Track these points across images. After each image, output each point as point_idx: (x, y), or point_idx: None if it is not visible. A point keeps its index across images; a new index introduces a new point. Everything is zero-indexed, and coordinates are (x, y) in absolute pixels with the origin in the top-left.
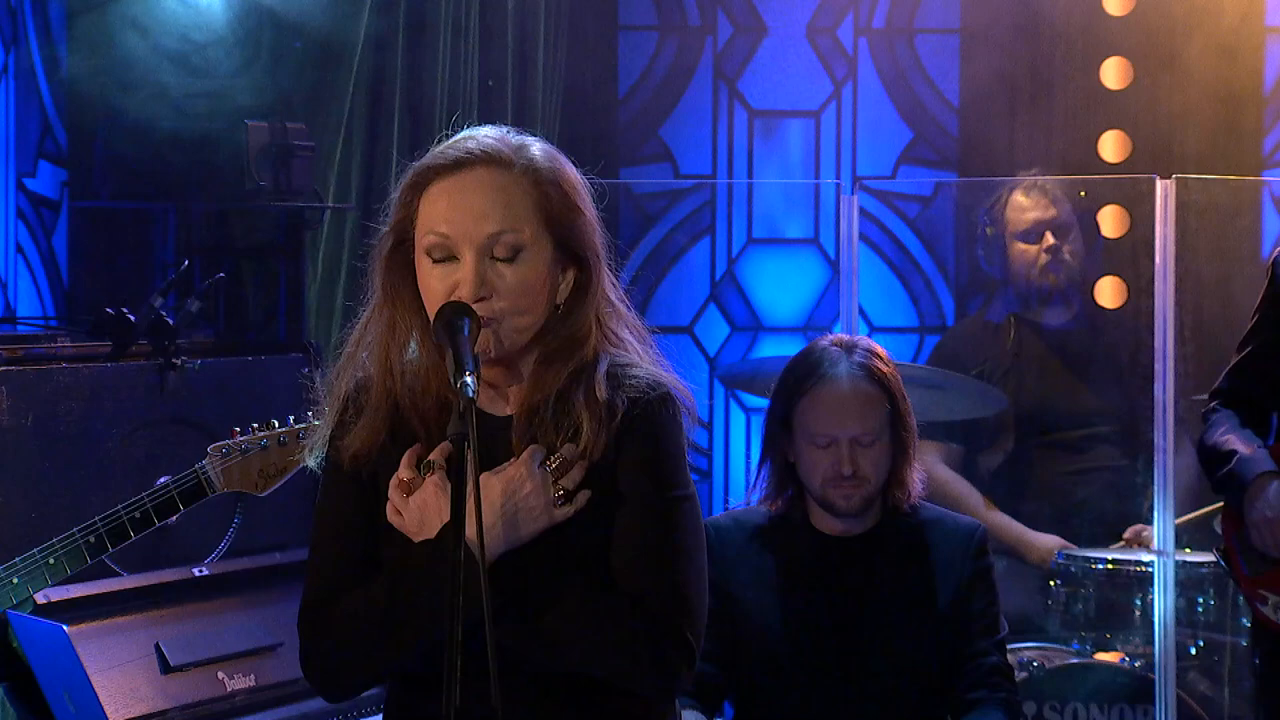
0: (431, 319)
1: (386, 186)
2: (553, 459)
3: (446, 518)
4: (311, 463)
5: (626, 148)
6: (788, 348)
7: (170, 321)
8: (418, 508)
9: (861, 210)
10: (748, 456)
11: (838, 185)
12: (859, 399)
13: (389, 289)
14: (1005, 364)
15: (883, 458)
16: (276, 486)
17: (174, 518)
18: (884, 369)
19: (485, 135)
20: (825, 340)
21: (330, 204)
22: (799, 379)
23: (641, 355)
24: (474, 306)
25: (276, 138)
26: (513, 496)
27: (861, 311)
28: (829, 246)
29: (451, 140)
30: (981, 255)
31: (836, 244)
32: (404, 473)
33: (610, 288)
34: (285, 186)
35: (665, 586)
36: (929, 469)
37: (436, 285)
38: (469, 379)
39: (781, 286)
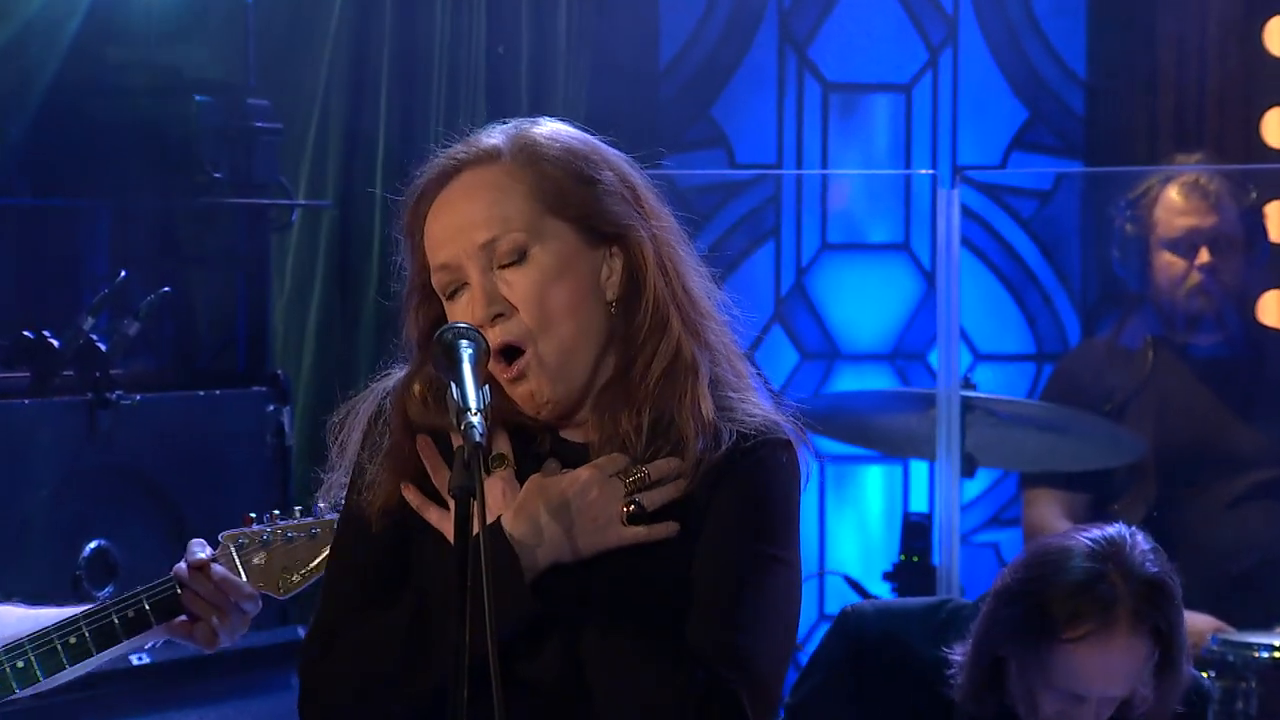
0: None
1: (371, 178)
2: (631, 470)
3: (499, 515)
4: (325, 510)
5: (670, 130)
6: (871, 379)
7: (102, 348)
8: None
9: (964, 208)
10: (822, 518)
11: (934, 177)
12: (1132, 656)
13: (424, 343)
14: (1143, 399)
15: (1139, 703)
16: (304, 589)
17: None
18: (1171, 599)
19: (488, 131)
20: (1079, 542)
21: (301, 200)
22: (1046, 613)
23: (740, 376)
24: (492, 331)
25: (233, 117)
26: (572, 500)
27: (964, 335)
28: (923, 253)
29: (434, 159)
30: (1116, 258)
31: (933, 250)
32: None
33: (690, 275)
34: (245, 178)
35: (735, 649)
36: (1046, 525)
37: (464, 318)
38: (475, 419)
39: (863, 303)
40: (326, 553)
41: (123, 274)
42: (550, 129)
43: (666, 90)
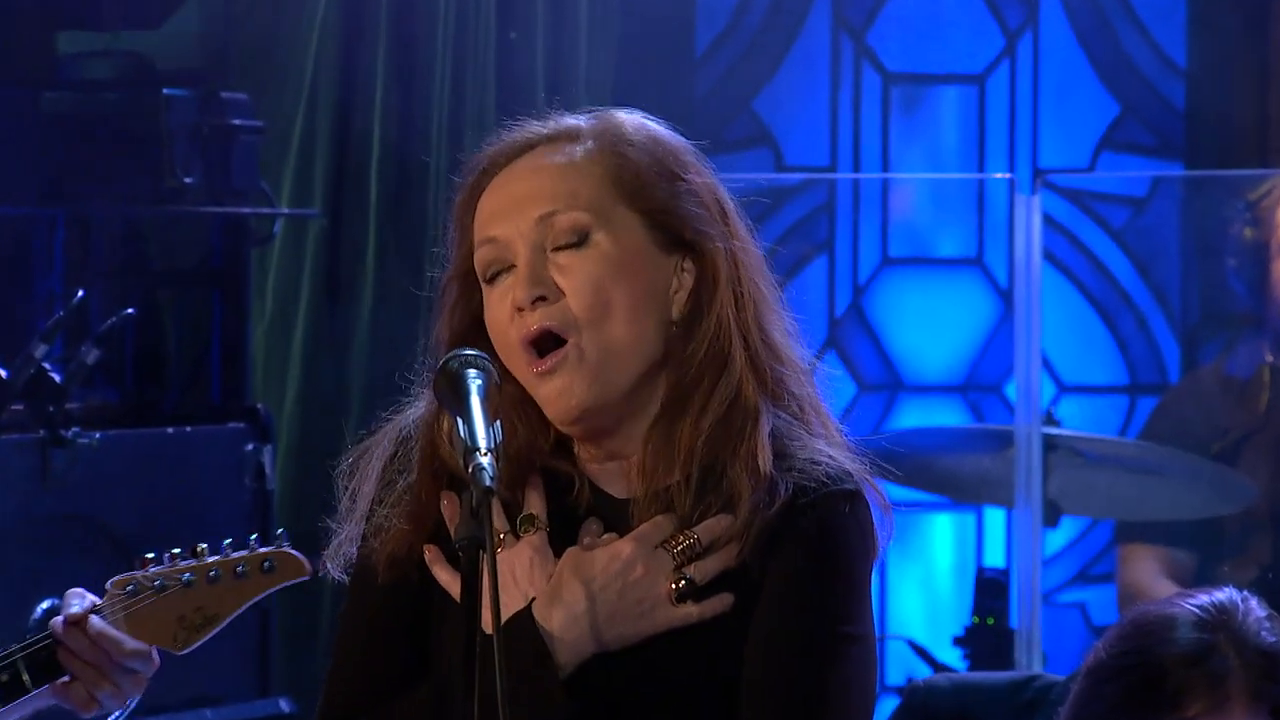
0: (506, 360)
1: (364, 183)
2: (679, 537)
3: (536, 593)
4: (335, 571)
5: (707, 127)
6: (939, 414)
7: (57, 379)
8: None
9: (1046, 217)
10: (882, 574)
11: (1011, 181)
12: None
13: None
14: (1257, 437)
15: None
16: (202, 642)
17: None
18: None
19: (567, 115)
20: (1184, 609)
21: (285, 209)
22: (1149, 693)
23: (825, 427)
24: (530, 315)
25: (208, 114)
26: (613, 581)
27: (1046, 363)
28: (999, 269)
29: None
30: (1231, 269)
31: (1010, 265)
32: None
33: (766, 310)
34: (221, 184)
35: None
36: (1144, 586)
37: (497, 311)
38: (485, 460)
39: (930, 326)
40: (230, 599)
41: (80, 293)
42: (638, 117)
43: (703, 81)
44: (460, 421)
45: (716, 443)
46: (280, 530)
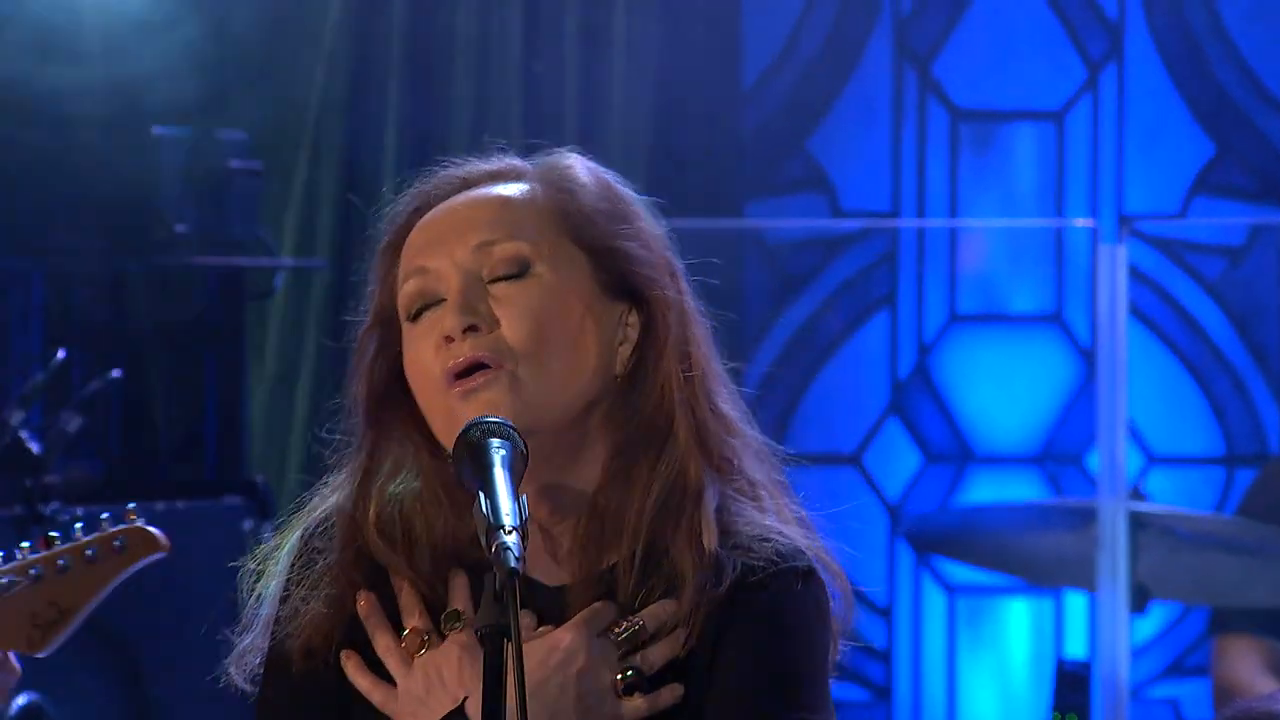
0: (428, 408)
1: (363, 223)
2: (622, 624)
3: (463, 696)
4: (239, 680)
5: (757, 168)
6: (1013, 488)
7: (35, 449)
8: (424, 677)
9: (1132, 269)
10: (951, 665)
11: (1094, 229)
12: None
13: (375, 412)
14: None
15: None
16: (63, 638)
17: None
18: None
19: (510, 156)
20: None
21: (287, 259)
22: None
23: (777, 505)
24: (459, 346)
25: (203, 155)
26: (554, 675)
27: (1133, 431)
28: (1079, 326)
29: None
30: None
31: (1093, 322)
32: (414, 619)
33: (714, 380)
34: (216, 233)
35: None
36: (1242, 681)
37: (420, 347)
38: (509, 539)
39: (1003, 390)
40: (84, 589)
41: (61, 354)
42: (587, 161)
43: (751, 117)
44: (482, 496)
45: (659, 521)
46: (131, 504)
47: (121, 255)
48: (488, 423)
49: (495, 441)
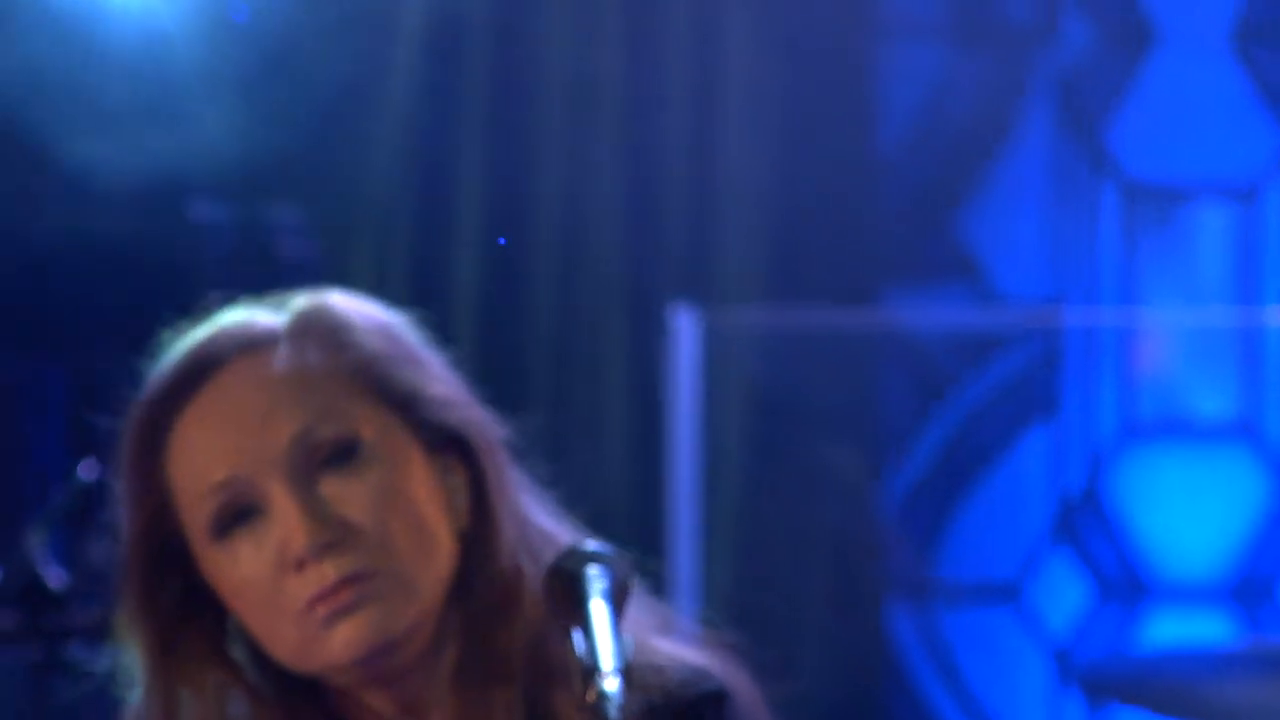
0: (269, 636)
1: (451, 332)
2: None
3: None
4: None
5: (892, 250)
6: (1201, 627)
7: (55, 582)
8: None
9: None
10: None
11: None
12: None
13: (161, 644)
14: None
15: None
16: None
17: None
18: None
19: (250, 310)
20: None
21: None
22: None
23: (654, 615)
24: (319, 566)
25: (249, 233)
26: None
27: None
28: (1277, 436)
29: (175, 349)
30: None
31: None
32: None
33: (534, 504)
34: None
35: None
36: None
37: (249, 573)
38: (609, 686)
39: (1188, 512)
40: None
41: (84, 469)
42: (345, 296)
43: (888, 191)
44: (579, 635)
45: (535, 689)
46: None
47: (154, 355)
48: (582, 550)
49: (593, 571)
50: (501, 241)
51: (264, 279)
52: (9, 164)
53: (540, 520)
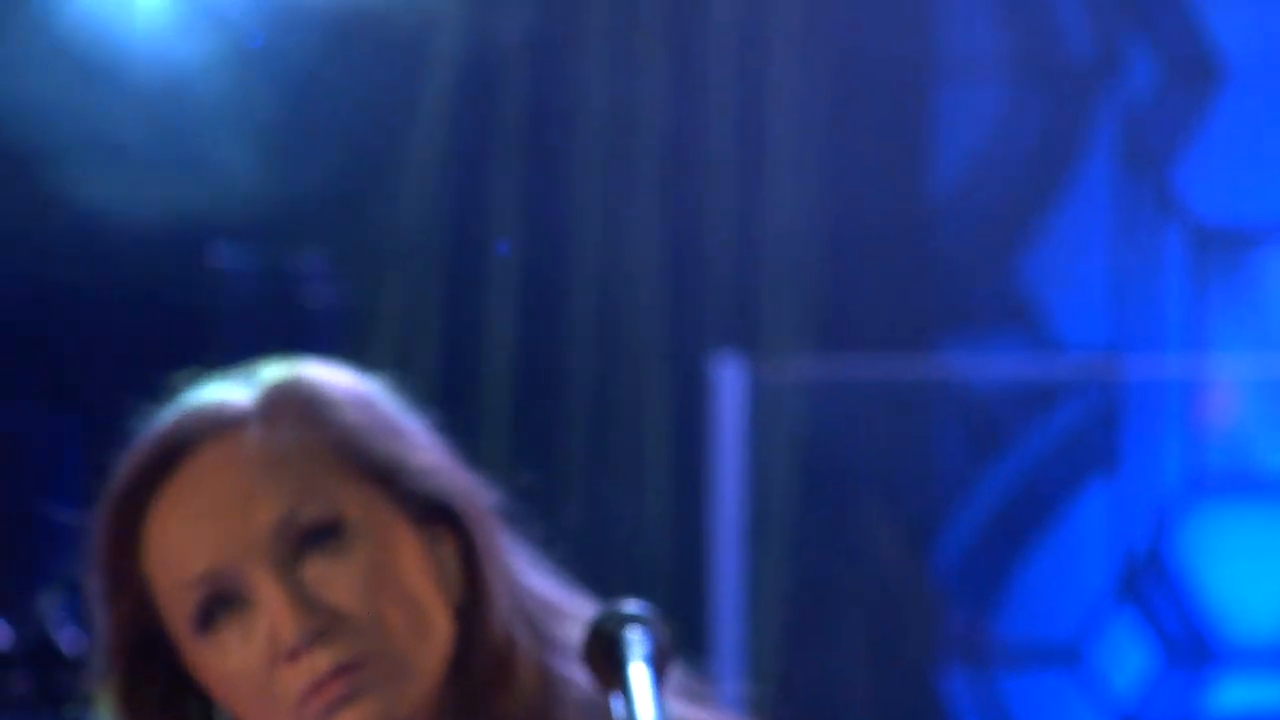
0: (253, 714)
1: (486, 385)
2: None
3: None
4: None
5: (947, 295)
6: (1271, 693)
7: (68, 645)
8: None
9: None
10: None
11: None
12: None
13: None
14: None
15: None
16: None
17: None
18: None
19: (218, 387)
20: None
21: None
22: None
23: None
24: (312, 655)
25: (270, 280)
26: None
27: None
28: None
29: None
30: None
31: None
32: None
33: (529, 569)
34: None
35: None
36: None
37: (241, 659)
38: None
39: (1258, 571)
40: None
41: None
42: (315, 365)
43: (943, 234)
44: (618, 701)
45: None
46: None
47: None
48: (620, 613)
49: (634, 635)
50: (502, 249)
51: (287, 327)
52: (22, 205)
53: (538, 586)
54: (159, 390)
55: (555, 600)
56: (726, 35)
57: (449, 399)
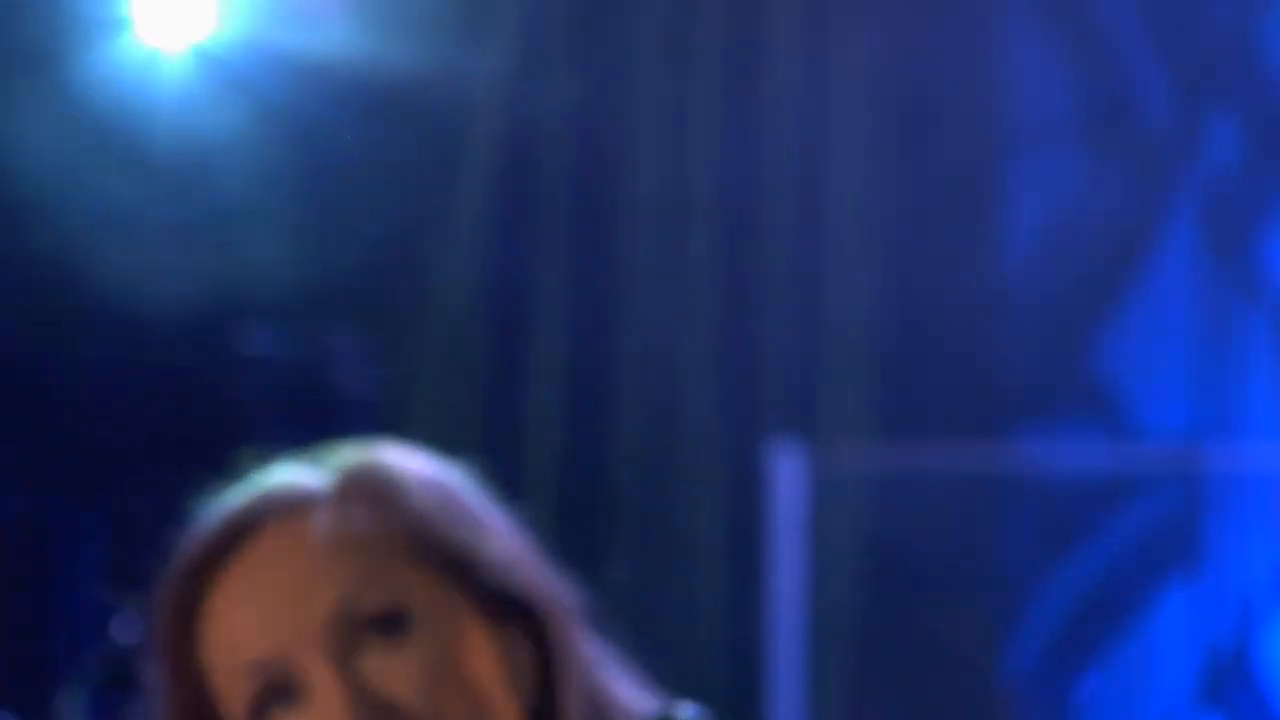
0: None
1: (534, 472)
2: None
3: None
4: None
5: (1017, 382)
6: None
7: None
8: None
9: None
10: None
11: None
12: None
13: None
14: None
15: None
16: None
17: None
18: None
19: (289, 470)
20: None
21: None
22: None
23: None
24: None
25: (302, 364)
26: None
27: None
28: None
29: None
30: None
31: None
32: None
33: (607, 672)
34: None
35: None
36: None
37: None
38: None
39: None
40: None
41: (120, 618)
42: (394, 451)
43: (1014, 315)
44: None
45: None
46: None
47: (201, 497)
48: (677, 717)
49: None
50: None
51: (320, 413)
52: (43, 288)
53: (620, 695)
54: (182, 480)
55: (628, 703)
56: (785, 108)
57: (491, 491)
